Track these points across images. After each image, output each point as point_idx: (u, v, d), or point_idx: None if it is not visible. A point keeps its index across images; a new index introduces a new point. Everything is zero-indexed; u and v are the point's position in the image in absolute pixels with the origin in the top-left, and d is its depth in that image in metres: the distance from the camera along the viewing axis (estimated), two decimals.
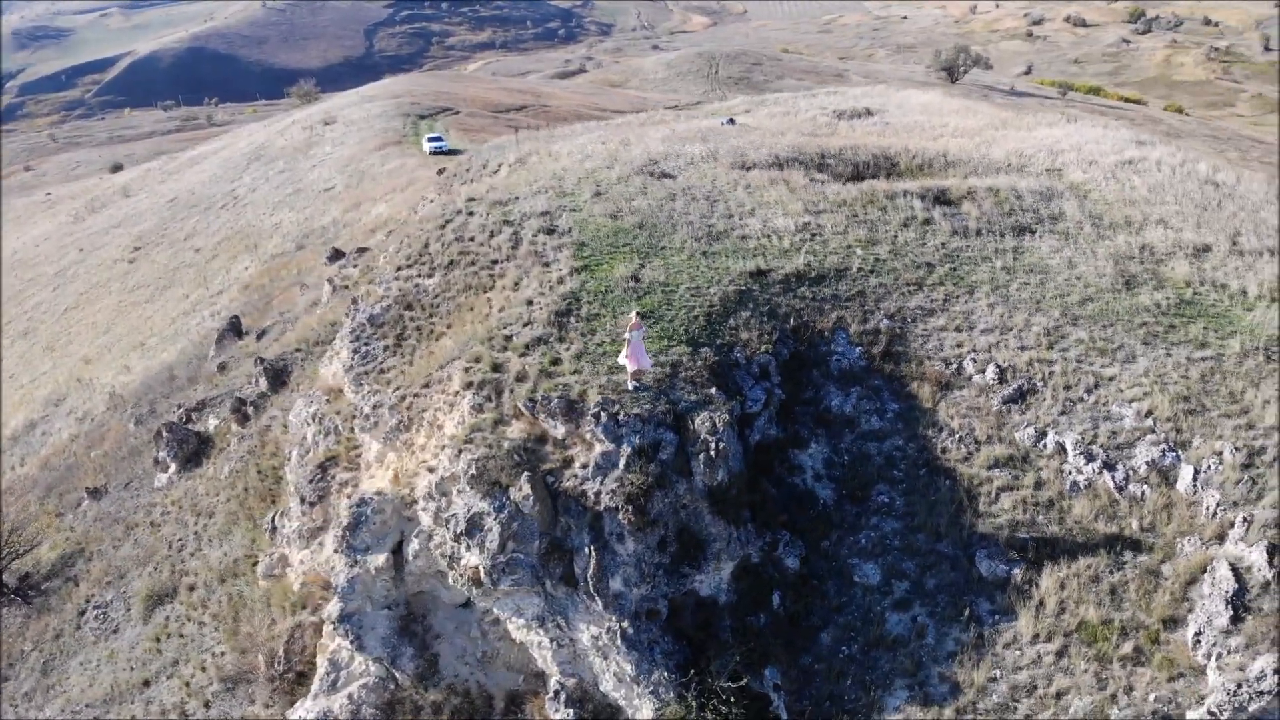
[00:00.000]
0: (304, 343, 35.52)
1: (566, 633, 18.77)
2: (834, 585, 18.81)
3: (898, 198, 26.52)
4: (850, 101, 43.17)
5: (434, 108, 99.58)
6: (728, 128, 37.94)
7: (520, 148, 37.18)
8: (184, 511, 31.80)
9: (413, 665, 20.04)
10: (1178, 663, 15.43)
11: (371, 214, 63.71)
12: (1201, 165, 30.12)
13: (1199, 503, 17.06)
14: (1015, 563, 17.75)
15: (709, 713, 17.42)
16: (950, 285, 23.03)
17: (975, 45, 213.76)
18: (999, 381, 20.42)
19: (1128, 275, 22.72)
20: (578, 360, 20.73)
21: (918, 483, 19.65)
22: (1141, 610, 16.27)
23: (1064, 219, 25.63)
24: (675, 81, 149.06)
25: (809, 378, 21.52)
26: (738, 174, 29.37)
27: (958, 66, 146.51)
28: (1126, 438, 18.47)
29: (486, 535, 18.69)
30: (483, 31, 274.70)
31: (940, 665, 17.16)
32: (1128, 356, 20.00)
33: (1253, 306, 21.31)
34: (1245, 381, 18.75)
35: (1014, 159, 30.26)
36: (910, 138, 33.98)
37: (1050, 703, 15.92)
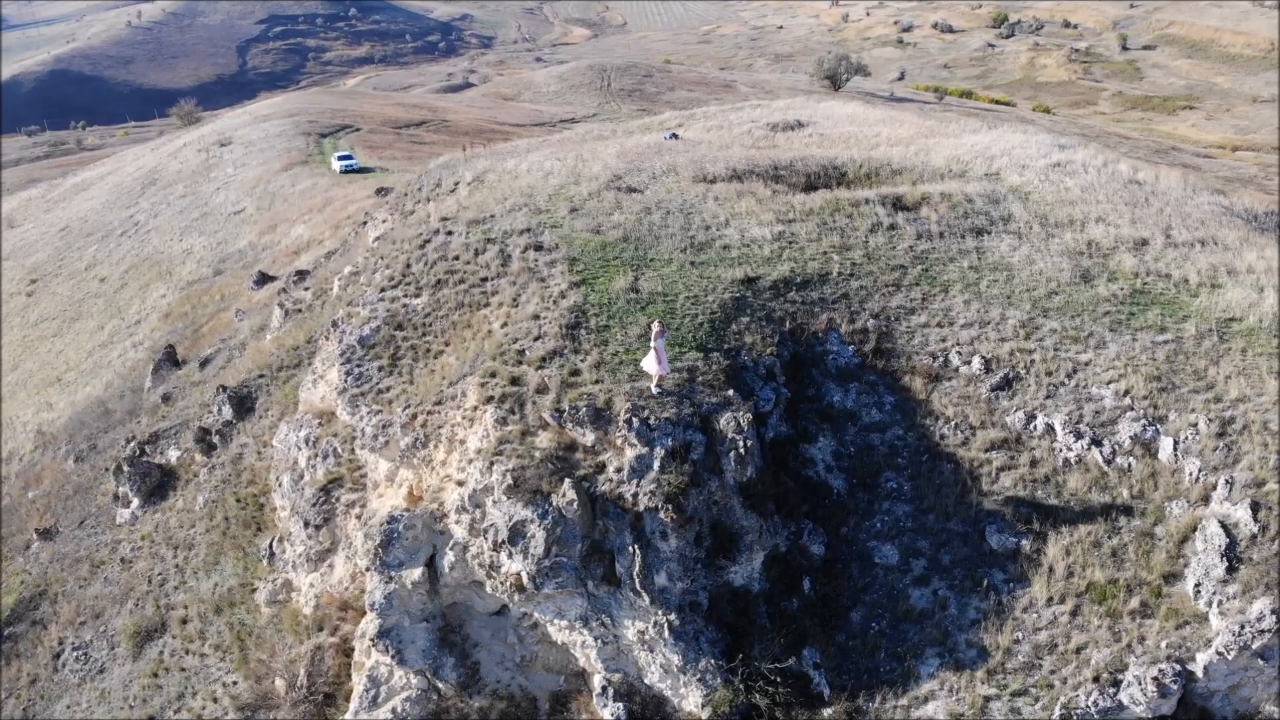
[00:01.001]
0: (265, 369, 35.27)
1: (611, 630, 19.68)
2: (857, 567, 20.24)
3: (861, 205, 28.26)
4: (779, 114, 45.04)
5: (333, 125, 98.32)
6: (672, 142, 39.25)
7: (474, 165, 37.70)
8: (158, 546, 31.30)
9: (455, 675, 20.61)
10: (1182, 612, 17.34)
11: (291, 236, 62.98)
12: (1122, 165, 32.92)
13: (1181, 470, 19.11)
14: (1022, 534, 19.49)
15: (756, 694, 18.58)
16: (925, 285, 24.83)
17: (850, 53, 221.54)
18: (985, 371, 22.23)
19: (1083, 269, 24.91)
20: (597, 370, 21.66)
21: (921, 468, 21.27)
22: (1142, 569, 18.16)
23: (1014, 220, 27.78)
24: (568, 94, 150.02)
25: (809, 376, 22.96)
26: (703, 187, 30.70)
27: (840, 74, 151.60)
28: (1109, 416, 20.46)
29: (530, 542, 19.44)
30: (360, 46, 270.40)
31: (966, 633, 18.74)
32: (1099, 343, 22.07)
33: (1197, 293, 23.70)
34: (1206, 360, 20.98)
35: (954, 165, 32.44)
36: (850, 148, 35.91)
37: (1072, 657, 17.65)
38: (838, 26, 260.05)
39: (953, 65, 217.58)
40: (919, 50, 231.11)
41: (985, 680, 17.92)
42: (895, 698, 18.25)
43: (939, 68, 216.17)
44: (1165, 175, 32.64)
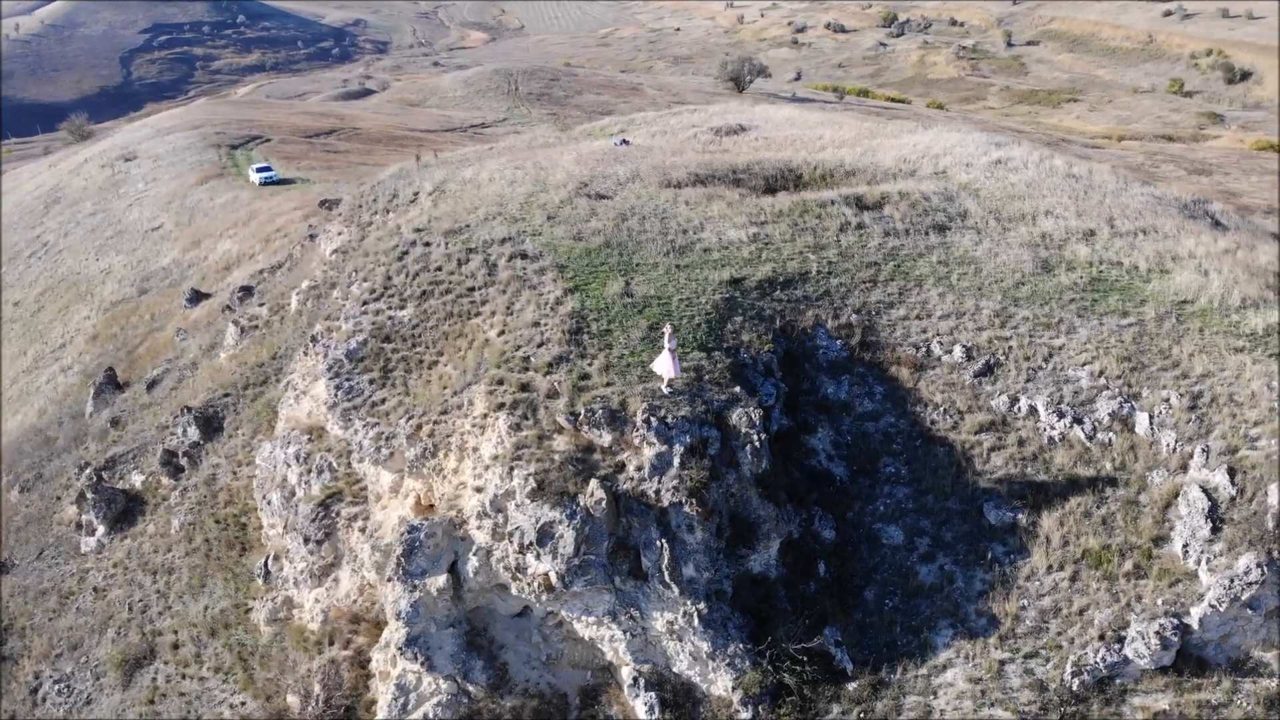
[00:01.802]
0: (229, 387, 34.82)
1: (640, 623, 20.41)
2: (866, 549, 21.42)
3: (828, 206, 29.56)
4: (718, 119, 46.25)
5: (242, 136, 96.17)
6: (624, 148, 40.06)
7: (431, 175, 37.84)
8: (133, 572, 30.72)
9: (485, 677, 21.06)
10: (1173, 571, 18.94)
11: (218, 251, 61.64)
12: (1057, 160, 35.03)
13: (1158, 442, 20.80)
14: (1017, 509, 20.93)
15: (784, 674, 19.56)
16: (900, 280, 26.22)
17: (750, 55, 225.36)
18: (967, 359, 23.68)
19: (1042, 260, 26.63)
20: (606, 373, 22.36)
21: (917, 452, 22.58)
22: (1132, 534, 19.75)
23: (970, 216, 29.44)
24: (476, 99, 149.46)
25: (803, 371, 24.08)
26: (671, 191, 31.61)
27: (743, 76, 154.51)
28: (1086, 395, 22.08)
29: (559, 542, 20.04)
30: (250, 54, 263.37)
31: (974, 603, 20.07)
32: (1069, 328, 23.74)
33: (1148, 279, 25.62)
34: (1169, 340, 22.79)
35: (903, 165, 34.07)
36: (799, 151, 37.29)
37: (1076, 619, 19.11)
38: (734, 28, 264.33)
39: (847, 64, 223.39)
40: (814, 50, 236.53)
41: (998, 646, 19.26)
42: (915, 668, 19.45)
43: (834, 67, 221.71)
44: (1097, 169, 34.88)
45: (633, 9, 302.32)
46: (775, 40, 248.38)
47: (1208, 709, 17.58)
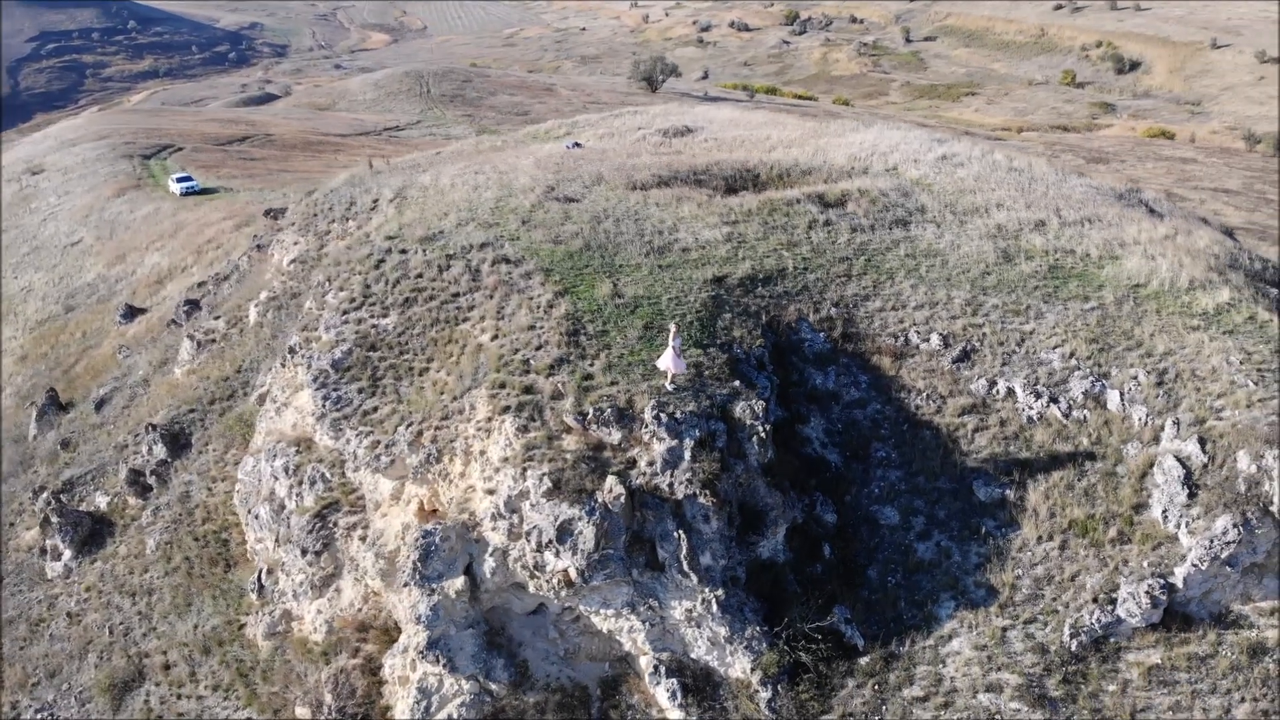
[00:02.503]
0: (192, 403, 34.29)
1: (658, 612, 21.11)
2: (865, 530, 22.51)
3: (794, 204, 30.64)
4: (663, 120, 47.10)
5: (153, 146, 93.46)
6: (577, 151, 40.59)
7: (388, 182, 37.77)
8: (109, 595, 30.13)
9: (507, 674, 21.49)
10: (1154, 536, 20.45)
11: (146, 265, 60.14)
12: (998, 155, 36.84)
13: (1130, 417, 22.35)
14: (1005, 485, 22.26)
15: (801, 653, 20.50)
16: (872, 273, 27.43)
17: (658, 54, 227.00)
18: (944, 346, 24.98)
19: (1002, 250, 28.15)
20: (608, 373, 22.99)
21: (905, 437, 23.77)
22: (1113, 503, 21.23)
23: (928, 210, 30.86)
24: (387, 101, 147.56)
25: (791, 363, 25.08)
26: (638, 194, 32.33)
27: (656, 76, 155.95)
28: (1060, 376, 23.56)
29: (578, 538, 20.62)
30: (143, 60, 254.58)
31: (972, 576, 21.31)
32: (1037, 314, 25.23)
33: (1101, 265, 27.34)
34: (1130, 321, 24.44)
35: (855, 163, 35.41)
36: (750, 151, 38.37)
37: (1069, 585, 20.49)
38: (639, 28, 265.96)
39: (752, 63, 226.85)
40: (719, 49, 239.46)
41: (999, 614, 20.52)
42: (922, 640, 20.60)
43: (740, 65, 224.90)
44: (1036, 162, 36.77)
45: (536, 9, 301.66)
46: (681, 39, 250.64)
47: (1196, 660, 19.10)
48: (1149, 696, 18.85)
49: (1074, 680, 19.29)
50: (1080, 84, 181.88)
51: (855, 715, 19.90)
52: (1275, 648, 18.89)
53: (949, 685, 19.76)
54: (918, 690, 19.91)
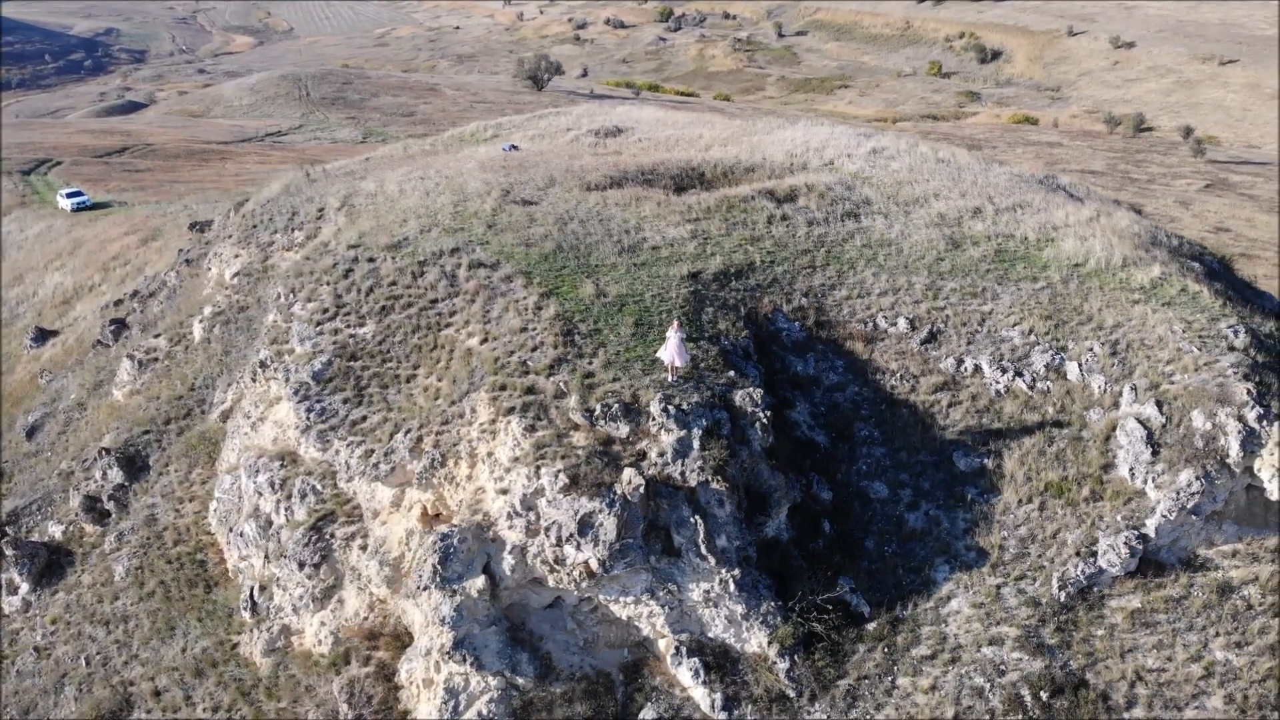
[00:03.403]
0: (145, 424, 33.40)
1: (676, 595, 22.05)
2: (858, 505, 23.92)
3: (748, 201, 31.93)
4: (589, 121, 47.81)
5: (30, 160, 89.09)
6: (515, 153, 41.00)
7: (330, 190, 37.44)
8: (78, 626, 29.28)
9: (532, 668, 22.08)
10: (1124, 492, 22.45)
11: (48, 285, 57.75)
12: (923, 147, 38.94)
13: (1090, 385, 24.38)
14: (982, 455, 24.00)
15: (814, 623, 21.77)
16: (835, 264, 28.92)
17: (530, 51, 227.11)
18: (911, 329, 26.63)
19: (949, 237, 30.03)
20: (608, 370, 23.77)
21: (884, 416, 25.30)
22: (1083, 465, 23.17)
23: (873, 202, 32.58)
24: (265, 106, 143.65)
25: (772, 352, 26.32)
26: (596, 195, 33.10)
27: (541, 74, 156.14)
28: (1022, 351, 25.46)
29: (599, 530, 21.38)
30: None
31: (962, 540, 22.96)
32: (993, 295, 27.12)
33: (1041, 247, 29.48)
34: (1078, 298, 26.55)
35: (793, 160, 36.95)
36: (687, 150, 39.54)
37: (1052, 542, 22.31)
38: (514, 26, 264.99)
39: (630, 60, 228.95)
40: (596, 46, 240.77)
41: (991, 573, 22.21)
42: (924, 602, 22.12)
43: (618, 63, 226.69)
44: (958, 153, 39.03)
45: (407, 8, 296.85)
46: (557, 37, 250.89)
47: (1172, 602, 21.14)
48: (1134, 638, 20.78)
49: (1066, 628, 21.10)
50: (946, 74, 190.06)
51: (869, 678, 21.27)
52: (1240, 585, 21.08)
53: (954, 642, 21.32)
54: (925, 650, 21.42)
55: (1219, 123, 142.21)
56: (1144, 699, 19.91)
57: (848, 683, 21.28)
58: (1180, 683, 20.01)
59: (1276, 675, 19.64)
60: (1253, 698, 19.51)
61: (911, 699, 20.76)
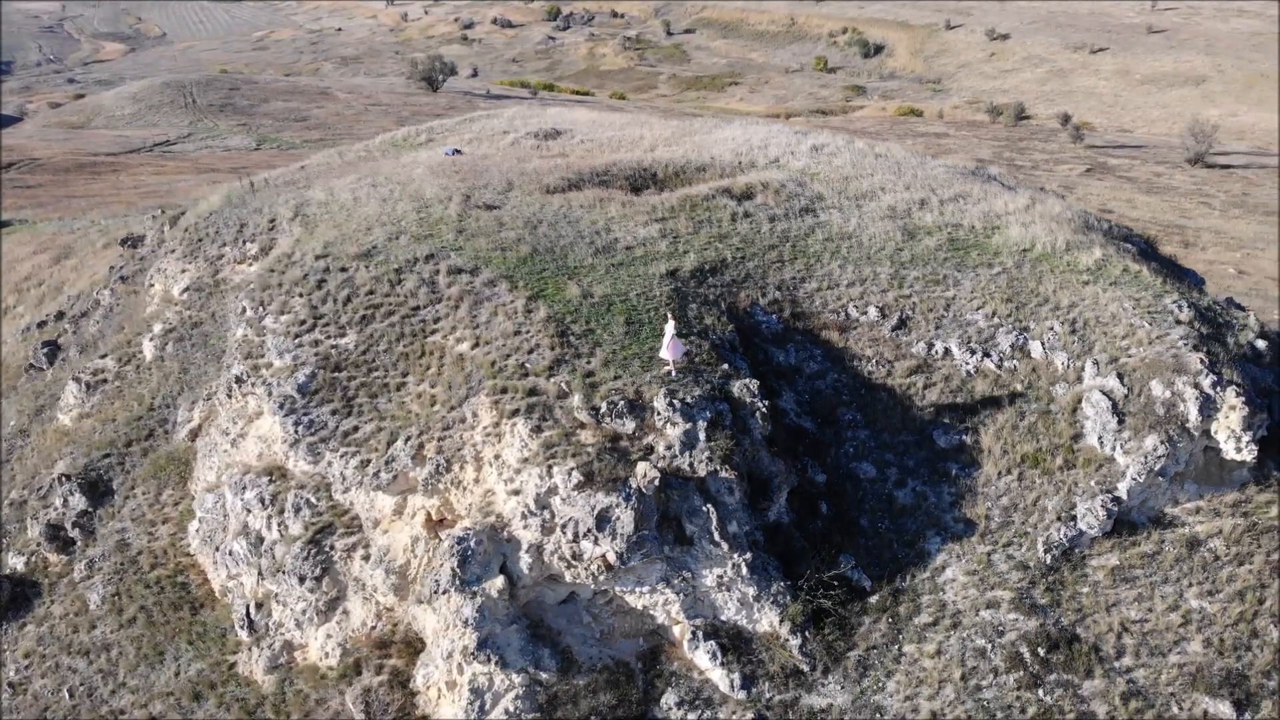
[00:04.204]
0: (107, 447, 32.42)
1: (690, 582, 22.87)
2: (849, 485, 25.16)
3: (709, 200, 32.91)
4: (523, 124, 48.09)
5: None
6: (459, 158, 41.03)
7: (279, 199, 36.89)
8: (55, 659, 28.43)
9: (554, 663, 22.61)
10: (1095, 459, 24.22)
11: None
12: (859, 144, 40.59)
13: (1053, 362, 26.14)
14: (960, 432, 25.53)
15: (822, 600, 22.89)
16: (801, 258, 30.14)
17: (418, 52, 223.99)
18: (881, 317, 28.03)
19: (903, 229, 31.57)
20: (608, 368, 24.43)
21: (864, 400, 26.61)
22: (1054, 436, 24.89)
23: (826, 198, 33.94)
24: (149, 115, 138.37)
25: (754, 344, 27.36)
26: (559, 197, 33.60)
27: (435, 76, 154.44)
28: (988, 333, 27.10)
29: (617, 523, 22.06)
30: None
31: (949, 513, 24.41)
32: (954, 281, 28.72)
33: (989, 235, 31.26)
34: (1033, 281, 28.36)
35: (741, 159, 38.08)
36: (633, 151, 40.29)
37: (1033, 509, 23.95)
38: (399, 27, 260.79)
39: (521, 59, 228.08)
40: (485, 46, 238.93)
41: (980, 542, 23.71)
42: (920, 573, 23.48)
43: (509, 62, 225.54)
44: (893, 148, 40.81)
45: (285, 10, 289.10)
46: (444, 37, 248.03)
47: (1146, 558, 22.97)
48: (1116, 593, 22.53)
49: (1055, 588, 22.73)
50: (832, 69, 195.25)
51: (877, 647, 22.51)
52: (1206, 539, 23.05)
53: (953, 608, 22.73)
54: (926, 617, 22.77)
55: (1092, 109, 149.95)
56: (1131, 648, 21.64)
57: (858, 654, 22.47)
58: (1162, 631, 21.83)
59: (1248, 619, 21.61)
60: (1229, 641, 21.43)
61: (919, 664, 22.08)
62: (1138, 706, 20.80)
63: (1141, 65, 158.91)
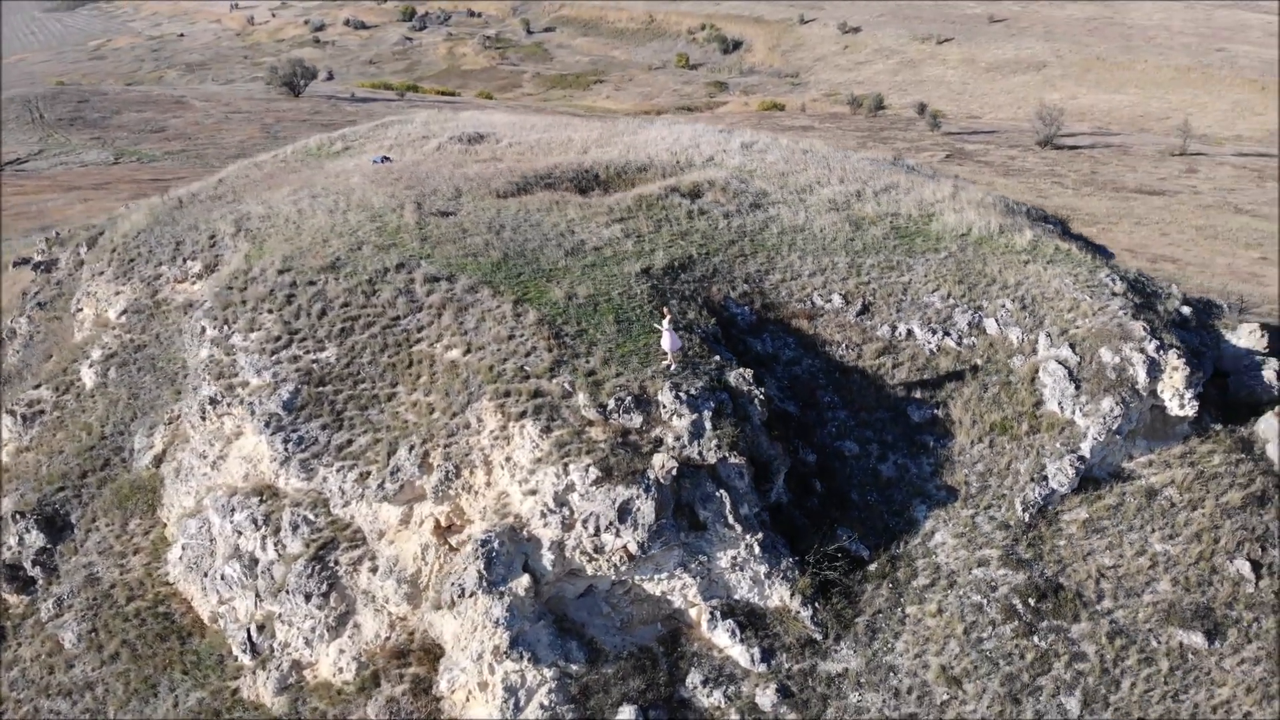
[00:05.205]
0: (62, 481, 31.06)
1: (706, 565, 23.92)
2: (837, 463, 26.67)
3: (662, 199, 33.91)
4: (440, 129, 47.86)
5: None
6: (390, 165, 40.74)
7: (213, 215, 35.93)
8: (34, 701, 27.42)
9: (582, 655, 23.30)
10: (1057, 423, 26.41)
11: None
12: (783, 139, 42.33)
13: (1008, 337, 28.28)
14: (931, 406, 27.38)
15: (827, 571, 24.32)
16: (762, 252, 31.50)
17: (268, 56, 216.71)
18: (845, 304, 29.67)
19: (849, 220, 33.33)
20: (608, 366, 25.20)
21: (840, 382, 28.18)
22: (1017, 405, 27.00)
23: (769, 193, 35.41)
24: None
25: (732, 335, 28.57)
26: (514, 201, 34.02)
27: (297, 80, 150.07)
28: (945, 314, 29.06)
29: (637, 515, 22.92)
30: None
31: (931, 482, 26.21)
32: (908, 267, 30.61)
33: (928, 222, 33.34)
34: (979, 263, 30.49)
35: (679, 159, 39.14)
36: (567, 154, 40.83)
37: (1007, 473, 25.98)
38: (245, 30, 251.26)
39: (378, 61, 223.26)
40: (339, 49, 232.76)
41: (963, 506, 25.59)
42: (912, 540, 25.20)
43: (365, 64, 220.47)
44: (815, 144, 42.72)
45: (122, 17, 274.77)
46: (295, 40, 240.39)
47: (1112, 509, 25.28)
48: (1089, 543, 24.75)
49: (1035, 543, 24.79)
50: (694, 66, 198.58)
51: (882, 611, 24.09)
52: (1161, 488, 25.52)
53: (947, 569, 24.52)
54: (924, 580, 24.49)
55: (942, 97, 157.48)
56: (1109, 591, 23.87)
57: (865, 619, 23.99)
58: (1134, 574, 24.14)
59: (1207, 557, 24.13)
60: (1193, 578, 23.90)
61: (923, 623, 23.76)
62: (1122, 644, 23.02)
63: (985, 54, 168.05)
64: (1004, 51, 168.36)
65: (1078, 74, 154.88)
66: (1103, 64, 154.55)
